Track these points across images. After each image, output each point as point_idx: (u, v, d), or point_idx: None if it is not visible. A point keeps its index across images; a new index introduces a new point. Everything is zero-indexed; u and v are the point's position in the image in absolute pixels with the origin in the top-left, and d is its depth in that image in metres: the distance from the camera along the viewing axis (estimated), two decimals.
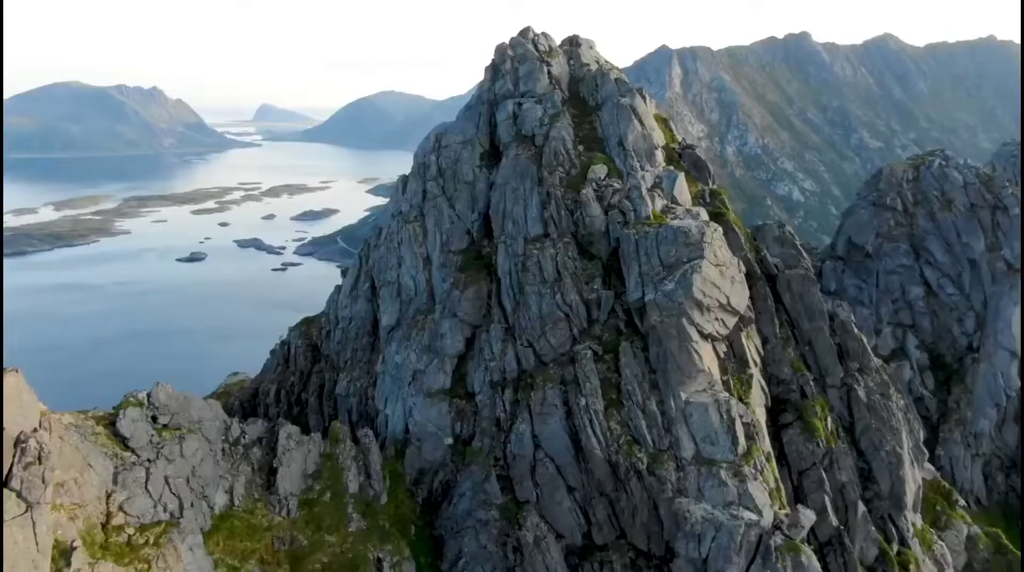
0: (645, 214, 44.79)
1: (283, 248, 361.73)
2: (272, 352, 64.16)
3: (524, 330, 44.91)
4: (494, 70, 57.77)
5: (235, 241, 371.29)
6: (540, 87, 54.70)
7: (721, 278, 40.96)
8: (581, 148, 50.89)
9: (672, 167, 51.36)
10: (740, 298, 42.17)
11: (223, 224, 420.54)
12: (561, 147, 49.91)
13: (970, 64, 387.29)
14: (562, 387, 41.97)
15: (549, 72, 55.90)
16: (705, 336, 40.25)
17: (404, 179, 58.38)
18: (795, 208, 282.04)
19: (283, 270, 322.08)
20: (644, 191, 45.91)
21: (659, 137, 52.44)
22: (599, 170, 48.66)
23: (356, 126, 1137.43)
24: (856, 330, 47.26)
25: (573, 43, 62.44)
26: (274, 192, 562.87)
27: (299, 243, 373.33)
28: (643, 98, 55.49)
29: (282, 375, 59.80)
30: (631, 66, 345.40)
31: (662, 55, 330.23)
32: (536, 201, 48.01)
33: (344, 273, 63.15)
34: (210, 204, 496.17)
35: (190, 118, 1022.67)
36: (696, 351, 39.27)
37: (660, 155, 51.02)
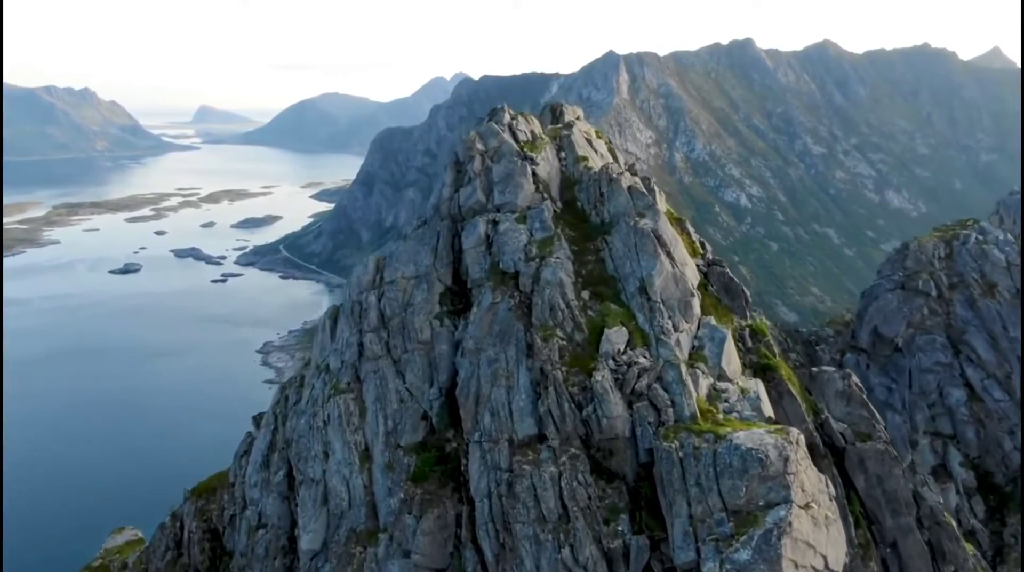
0: (689, 411, 31.02)
1: (223, 258, 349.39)
2: (160, 527, 47.82)
3: None
4: (457, 170, 43.05)
5: (172, 251, 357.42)
6: (523, 197, 40.31)
7: (815, 529, 27.64)
8: (586, 296, 36.30)
9: (710, 317, 37.16)
10: (838, 551, 28.77)
11: (159, 232, 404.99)
12: (559, 296, 35.22)
13: (907, 71, 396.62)
14: None
15: (534, 174, 41.24)
16: None
17: (333, 315, 43.13)
18: (742, 215, 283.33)
19: (223, 281, 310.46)
20: (683, 371, 32.09)
21: (693, 273, 38.24)
22: (616, 336, 33.91)
23: (299, 128, 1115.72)
24: (947, 517, 36.45)
25: (557, 115, 49.53)
26: (214, 198, 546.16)
27: (240, 252, 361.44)
28: (652, 190, 41.18)
29: (172, 567, 45.42)
30: (578, 72, 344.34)
31: (609, 60, 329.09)
32: (525, 382, 33.42)
33: (251, 437, 47.62)
34: (146, 211, 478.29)
35: (124, 120, 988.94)
36: None
37: (697, 303, 36.58)
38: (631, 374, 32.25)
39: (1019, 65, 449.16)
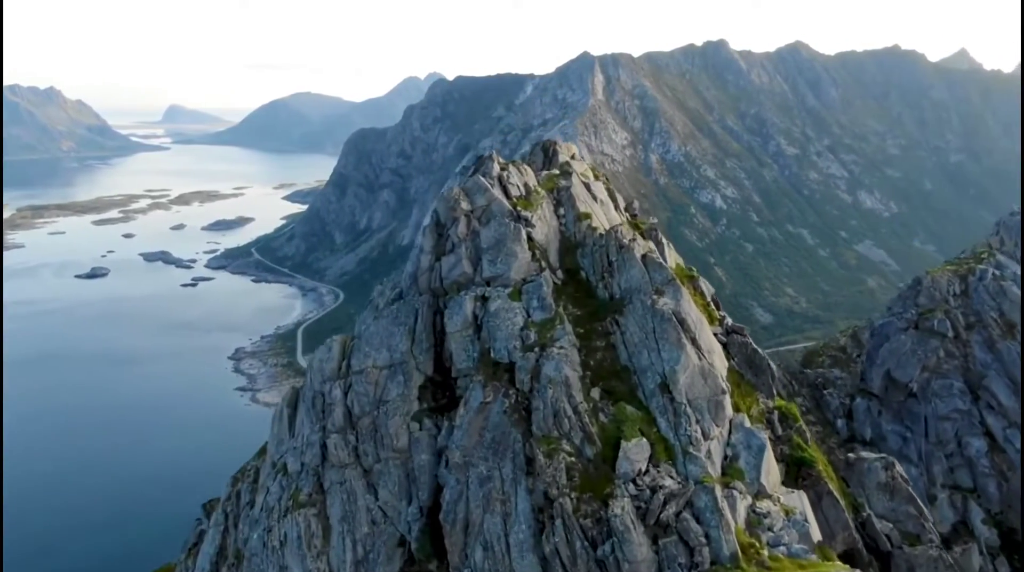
0: (728, 550, 24.86)
1: (193, 261, 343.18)
2: None
3: None
4: (438, 234, 36.06)
5: (141, 254, 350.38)
6: (517, 267, 33.48)
7: None
8: (596, 395, 29.84)
9: (742, 415, 31.00)
10: None
11: (128, 235, 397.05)
12: (564, 398, 28.71)
13: (877, 72, 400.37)
14: None
15: (529, 237, 34.47)
16: None
17: (292, 402, 37.18)
18: (718, 216, 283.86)
19: (193, 285, 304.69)
20: (718, 494, 26.02)
21: (721, 361, 32.37)
22: (636, 451, 27.80)
23: (271, 128, 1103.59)
24: None
25: (550, 155, 42.76)
26: (184, 200, 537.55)
27: (211, 255, 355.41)
28: (660, 243, 36.52)
29: None
30: (552, 73, 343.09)
31: (584, 62, 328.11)
32: (525, 509, 27.21)
33: (199, 527, 42.62)
34: (113, 213, 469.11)
35: (91, 120, 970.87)
36: None
37: (729, 402, 30.75)
38: (656, 501, 25.96)
39: (985, 68, 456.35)
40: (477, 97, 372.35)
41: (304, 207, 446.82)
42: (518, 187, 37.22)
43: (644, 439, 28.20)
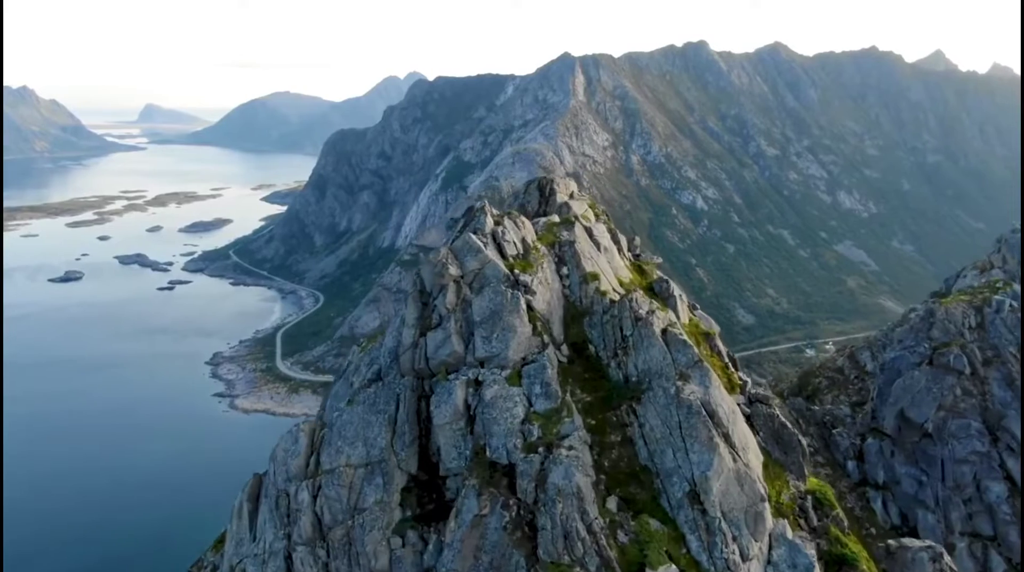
0: None
1: (170, 264, 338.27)
2: None
3: None
4: (422, 303, 30.69)
5: (116, 257, 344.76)
6: (517, 344, 28.53)
7: None
8: (613, 506, 25.73)
9: (784, 523, 26.82)
10: None
11: (103, 238, 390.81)
12: (576, 514, 24.55)
13: (855, 73, 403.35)
14: None
15: (530, 306, 29.61)
16: None
17: (253, 495, 31.95)
18: (699, 217, 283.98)
19: (170, 289, 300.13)
20: None
21: (756, 458, 28.07)
22: None
23: (249, 128, 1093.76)
24: None
25: (547, 195, 37.81)
26: (160, 201, 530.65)
27: (188, 258, 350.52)
28: (672, 297, 32.88)
29: None
30: (533, 73, 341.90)
31: (565, 62, 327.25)
32: None
33: None
34: (88, 215, 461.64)
35: (65, 119, 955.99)
36: None
37: (768, 511, 26.41)
38: None
39: (960, 69, 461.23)
40: (458, 98, 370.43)
41: (283, 208, 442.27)
42: (515, 244, 31.76)
43: (673, 566, 23.93)
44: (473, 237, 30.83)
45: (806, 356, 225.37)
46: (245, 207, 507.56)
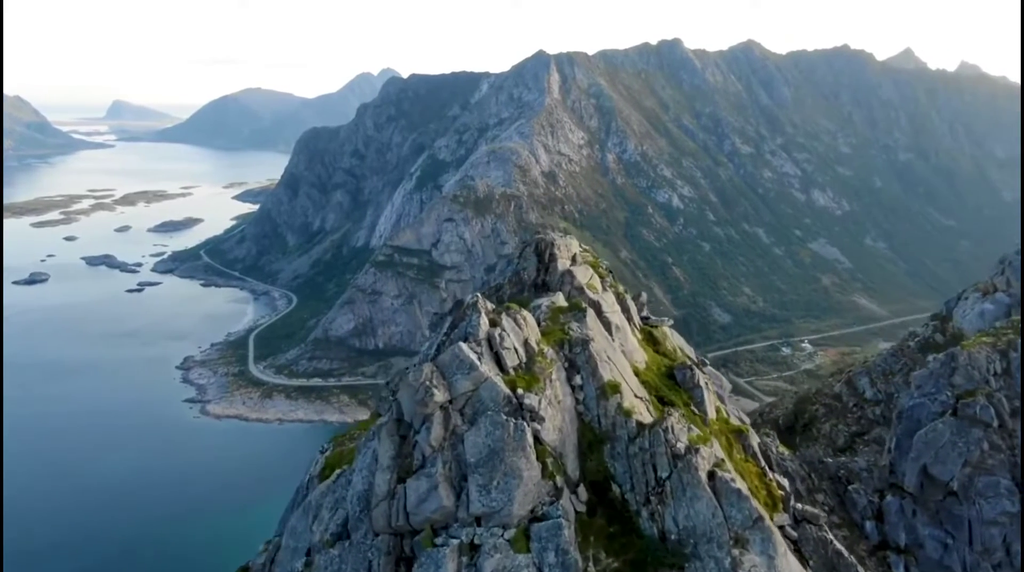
0: None
1: (139, 265, 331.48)
2: None
3: None
4: (399, 437, 24.31)
5: (83, 258, 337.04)
6: (523, 495, 22.24)
7: None
8: None
9: None
10: None
11: (69, 238, 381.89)
12: None
13: (828, 72, 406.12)
14: None
15: (537, 438, 23.40)
16: None
17: None
18: (675, 215, 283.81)
19: (139, 291, 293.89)
20: None
21: None
22: None
23: (220, 125, 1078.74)
24: None
25: (546, 261, 32.45)
26: (129, 200, 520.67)
27: (158, 259, 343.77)
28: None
29: None
30: (508, 71, 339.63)
31: (540, 60, 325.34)
32: None
33: None
34: (54, 215, 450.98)
35: (31, 116, 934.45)
36: None
37: None
38: None
39: (930, 67, 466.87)
40: (432, 95, 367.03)
41: (255, 207, 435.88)
42: (515, 351, 24.97)
43: None
44: (464, 348, 23.88)
45: (782, 354, 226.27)
46: (216, 206, 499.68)
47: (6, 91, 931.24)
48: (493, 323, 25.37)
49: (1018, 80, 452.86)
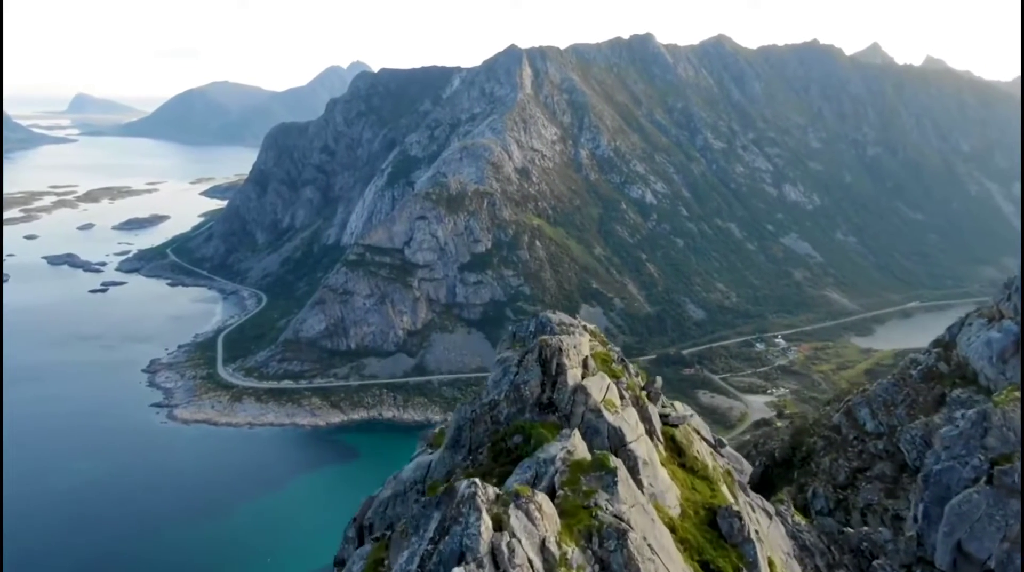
0: None
1: (103, 264, 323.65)
2: None
3: None
4: None
5: (45, 257, 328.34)
6: None
7: None
8: None
9: None
10: None
11: (30, 237, 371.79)
12: None
13: (798, 67, 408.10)
14: None
15: None
16: None
17: None
18: (648, 211, 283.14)
19: (103, 291, 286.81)
20: None
21: None
22: None
23: (186, 119, 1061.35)
24: None
25: (551, 371, 25.94)
26: (92, 196, 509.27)
27: (122, 257, 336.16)
28: None
29: None
30: (480, 66, 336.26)
31: (512, 55, 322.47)
32: None
33: None
34: (14, 213, 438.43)
35: None
36: None
37: None
38: None
39: (896, 62, 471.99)
40: (402, 90, 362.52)
41: (223, 204, 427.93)
42: (530, 565, 17.60)
43: None
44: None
45: (756, 350, 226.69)
46: (183, 203, 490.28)
47: None
48: (498, 523, 18.33)
49: (983, 75, 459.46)
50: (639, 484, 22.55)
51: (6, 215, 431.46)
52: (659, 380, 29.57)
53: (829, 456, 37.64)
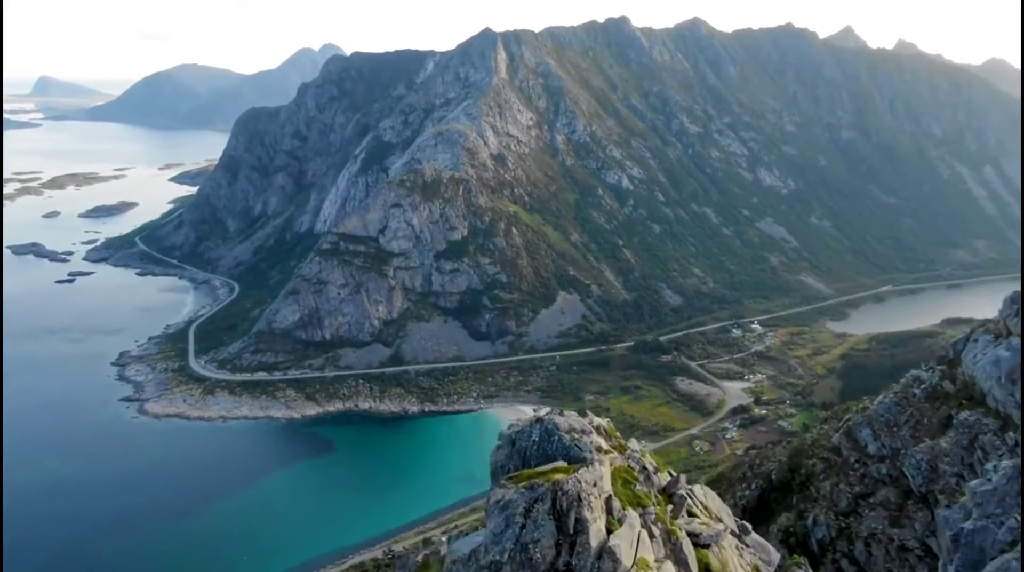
0: None
1: (70, 253, 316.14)
2: None
3: None
4: None
5: (8, 247, 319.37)
6: None
7: None
8: None
9: None
10: None
11: None
12: None
13: (773, 51, 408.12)
14: None
15: None
16: None
17: None
18: (625, 196, 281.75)
19: (70, 281, 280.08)
20: None
21: None
22: None
23: (154, 103, 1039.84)
24: None
25: (567, 527, 19.23)
26: (57, 183, 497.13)
27: (90, 246, 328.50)
28: None
29: None
30: (454, 49, 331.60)
31: (486, 38, 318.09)
32: None
33: None
34: None
35: None
36: None
37: None
38: None
39: (870, 46, 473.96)
40: (375, 75, 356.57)
41: (193, 190, 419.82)
42: None
43: None
44: None
45: (733, 336, 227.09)
46: (151, 189, 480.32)
47: None
48: None
49: (954, 59, 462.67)
50: None
51: None
52: (682, 480, 24.85)
53: (829, 480, 36.16)
